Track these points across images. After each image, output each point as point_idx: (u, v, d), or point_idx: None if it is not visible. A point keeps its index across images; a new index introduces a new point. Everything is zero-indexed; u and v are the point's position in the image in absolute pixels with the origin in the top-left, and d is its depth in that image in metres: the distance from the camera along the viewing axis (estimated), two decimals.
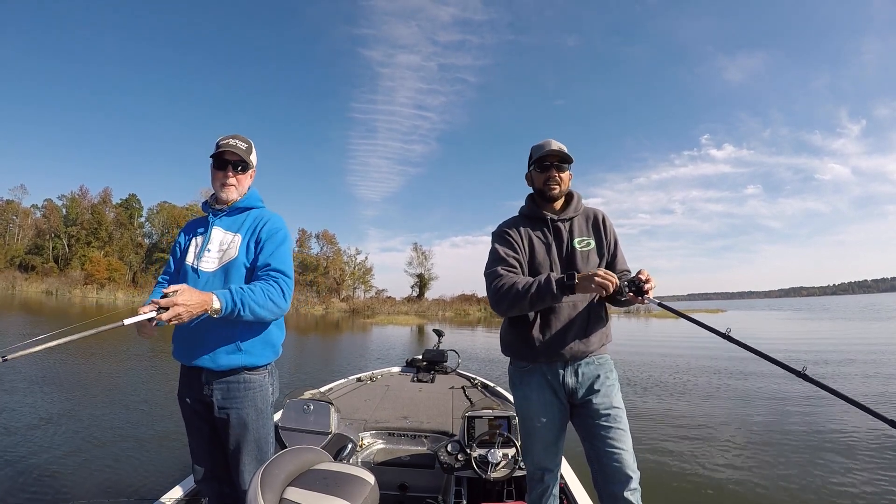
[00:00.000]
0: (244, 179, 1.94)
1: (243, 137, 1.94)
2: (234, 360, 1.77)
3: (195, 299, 1.56)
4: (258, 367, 1.85)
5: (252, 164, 1.94)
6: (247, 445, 1.82)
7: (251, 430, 1.82)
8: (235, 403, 1.79)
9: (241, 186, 1.93)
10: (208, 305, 1.60)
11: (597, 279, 1.64)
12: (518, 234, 1.99)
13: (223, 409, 1.79)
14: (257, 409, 1.83)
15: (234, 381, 1.80)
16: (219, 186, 1.90)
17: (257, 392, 1.83)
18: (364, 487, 1.48)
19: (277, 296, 1.73)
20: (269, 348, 1.87)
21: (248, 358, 1.79)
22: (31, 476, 3.99)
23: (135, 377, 8.63)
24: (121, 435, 5.22)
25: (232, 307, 1.64)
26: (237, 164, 1.89)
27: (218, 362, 1.75)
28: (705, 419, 6.59)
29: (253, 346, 1.80)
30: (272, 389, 1.92)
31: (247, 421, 1.80)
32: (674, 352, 14.77)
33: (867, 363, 11.33)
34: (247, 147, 1.93)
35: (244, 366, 1.79)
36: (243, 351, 1.78)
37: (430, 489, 2.73)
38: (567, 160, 1.99)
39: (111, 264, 52.50)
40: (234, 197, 1.91)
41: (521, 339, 1.93)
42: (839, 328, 24.63)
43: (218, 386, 1.79)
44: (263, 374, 1.87)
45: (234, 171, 1.89)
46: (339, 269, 61.54)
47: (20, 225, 58.66)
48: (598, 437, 1.81)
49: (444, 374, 4.53)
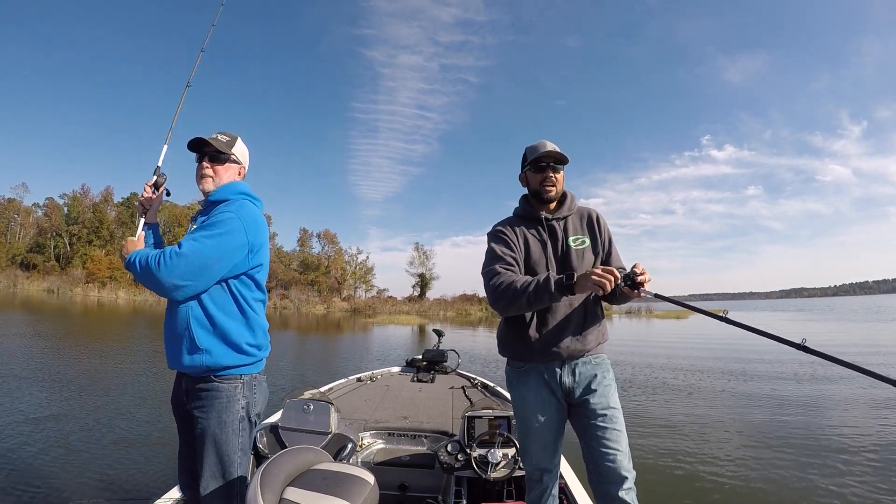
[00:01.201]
0: (222, 171, 1.87)
1: (228, 133, 1.92)
2: (196, 359, 1.68)
3: (129, 247, 1.78)
4: (228, 376, 1.73)
5: (233, 156, 1.89)
6: (207, 458, 1.69)
7: (211, 443, 1.69)
8: (202, 412, 1.71)
9: (219, 178, 1.87)
10: (125, 252, 1.76)
11: (594, 277, 1.62)
12: (513, 232, 1.99)
13: (193, 419, 1.72)
14: (220, 420, 1.70)
15: (204, 388, 1.72)
16: (197, 179, 1.88)
17: (223, 403, 1.71)
18: (364, 487, 1.48)
19: (155, 262, 1.62)
20: (231, 348, 1.73)
21: (208, 358, 1.69)
22: (31, 476, 4.00)
23: (135, 378, 8.65)
24: (121, 436, 5.23)
25: (129, 262, 1.70)
26: (214, 155, 1.85)
27: (181, 362, 1.70)
28: (704, 418, 6.59)
29: (213, 345, 1.70)
30: (245, 403, 1.76)
31: (207, 432, 1.69)
32: (674, 352, 14.77)
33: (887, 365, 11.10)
34: (228, 140, 1.90)
35: (208, 367, 1.69)
36: (203, 350, 1.68)
37: (430, 489, 2.73)
38: (563, 161, 2.00)
39: (112, 263, 52.40)
40: (210, 188, 1.85)
41: (517, 339, 1.94)
42: (852, 330, 24.14)
43: (193, 393, 1.74)
44: (235, 385, 1.74)
45: (209, 162, 1.85)
46: (341, 269, 61.63)
47: (21, 223, 58.70)
48: (593, 437, 1.81)
49: (444, 374, 4.54)
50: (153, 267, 1.62)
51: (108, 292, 47.14)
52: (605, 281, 1.60)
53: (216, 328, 1.72)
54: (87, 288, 47.85)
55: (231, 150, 1.89)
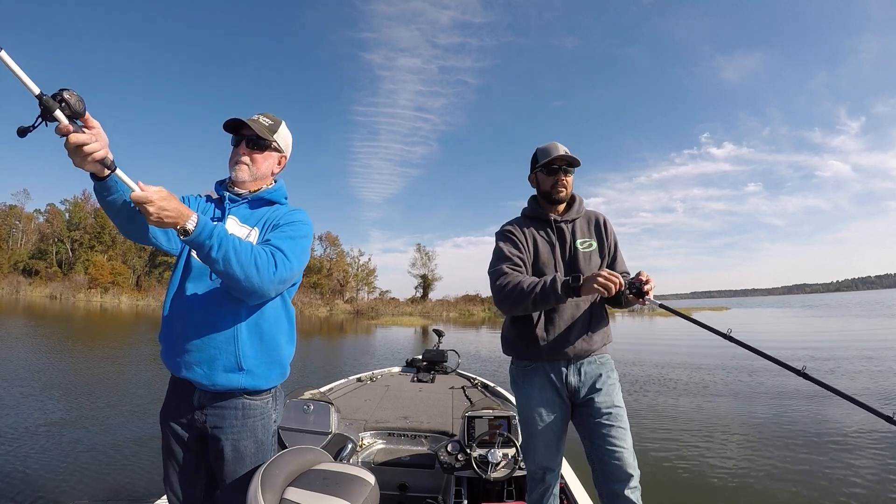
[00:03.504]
0: (261, 159, 1.63)
1: (272, 115, 1.68)
2: (232, 380, 1.47)
3: (173, 204, 1.25)
4: (261, 392, 1.56)
5: (274, 143, 1.65)
6: (243, 479, 1.52)
7: (248, 465, 1.52)
8: (232, 433, 1.50)
9: (255, 166, 1.63)
10: (182, 220, 1.26)
11: (599, 280, 1.65)
12: (522, 233, 2.01)
13: (216, 440, 1.51)
14: (257, 440, 1.54)
15: (231, 406, 1.51)
16: (231, 164, 1.64)
17: (258, 420, 1.55)
18: (364, 487, 1.47)
19: (265, 264, 1.38)
20: (277, 369, 1.57)
21: (249, 380, 1.50)
22: (32, 477, 4.02)
23: (136, 382, 8.66)
24: (121, 436, 5.25)
25: (205, 238, 1.28)
26: (253, 139, 1.61)
27: (214, 380, 1.46)
28: (708, 417, 6.57)
29: (257, 364, 1.51)
30: (275, 417, 1.62)
31: (244, 454, 1.52)
32: (677, 350, 14.74)
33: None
34: (271, 124, 1.65)
35: (244, 388, 1.50)
36: (245, 370, 1.48)
37: (430, 489, 2.74)
38: (574, 164, 2.01)
39: (115, 268, 52.67)
40: (245, 177, 1.62)
41: (524, 338, 1.94)
42: (868, 327, 23.39)
43: (212, 410, 1.50)
44: (267, 400, 1.57)
45: (247, 148, 1.62)
46: (343, 271, 61.63)
47: (23, 230, 58.87)
48: (598, 435, 1.82)
49: (444, 374, 4.54)
50: (264, 265, 1.38)
51: (110, 297, 47.20)
52: (611, 284, 1.64)
53: (264, 344, 1.53)
54: (89, 293, 47.86)
55: (273, 136, 1.64)
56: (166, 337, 1.53)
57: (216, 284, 1.51)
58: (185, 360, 1.48)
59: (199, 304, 1.49)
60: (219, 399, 1.51)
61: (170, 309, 1.52)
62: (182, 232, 1.28)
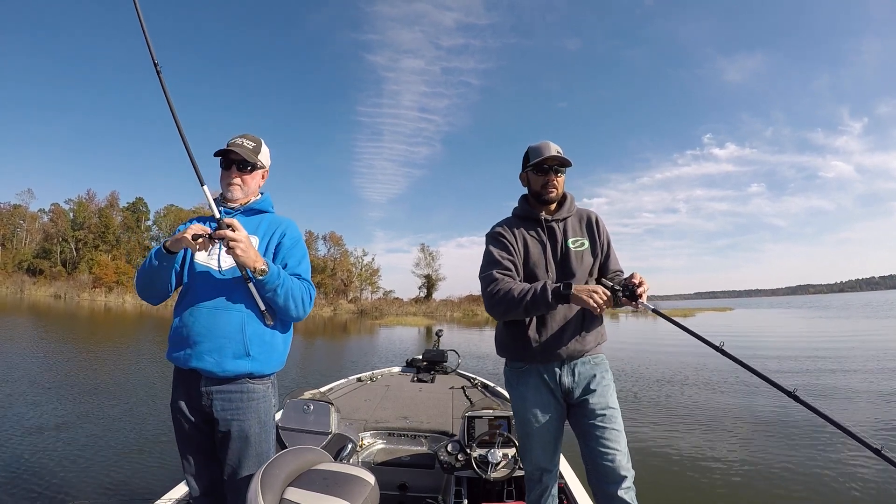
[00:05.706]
0: (250, 179, 1.87)
1: (252, 137, 1.90)
2: (240, 365, 1.65)
3: (252, 245, 1.61)
4: (263, 377, 1.75)
5: (260, 163, 1.88)
6: (247, 461, 1.69)
7: (253, 444, 1.70)
8: (238, 415, 1.68)
9: (246, 186, 1.86)
10: (260, 261, 1.60)
11: (591, 302, 1.67)
12: (512, 234, 1.98)
13: (224, 421, 1.68)
14: (261, 421, 1.72)
15: (237, 390, 1.68)
16: (224, 186, 1.86)
17: (261, 403, 1.72)
18: (364, 487, 1.48)
19: (308, 300, 1.73)
20: (277, 357, 1.78)
21: (255, 365, 1.68)
22: (34, 476, 4.05)
23: (135, 379, 8.70)
24: (120, 437, 5.28)
25: (274, 279, 1.62)
26: (241, 163, 1.83)
27: (224, 366, 1.63)
28: (705, 417, 6.56)
29: (262, 352, 1.70)
30: (274, 402, 1.81)
31: (249, 435, 1.69)
32: (678, 350, 14.68)
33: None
34: (254, 146, 1.87)
35: (248, 373, 1.68)
36: (251, 357, 1.67)
37: (430, 489, 2.74)
38: (566, 164, 1.97)
39: (119, 268, 52.73)
40: (238, 196, 1.85)
41: (517, 340, 1.93)
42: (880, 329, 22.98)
43: (218, 395, 1.67)
44: (267, 384, 1.77)
45: (238, 171, 1.83)
46: (347, 271, 61.67)
47: (28, 229, 59.23)
48: (592, 436, 1.82)
49: (444, 374, 4.55)
50: (306, 303, 1.74)
51: (115, 297, 47.33)
52: (596, 306, 1.67)
53: (267, 333, 1.74)
54: (93, 293, 48.05)
55: (258, 157, 1.88)
56: (178, 333, 1.69)
57: (222, 281, 1.72)
58: (197, 352, 1.64)
59: (210, 300, 1.69)
60: (225, 383, 1.68)
61: (181, 307, 1.72)
62: (258, 272, 1.60)
